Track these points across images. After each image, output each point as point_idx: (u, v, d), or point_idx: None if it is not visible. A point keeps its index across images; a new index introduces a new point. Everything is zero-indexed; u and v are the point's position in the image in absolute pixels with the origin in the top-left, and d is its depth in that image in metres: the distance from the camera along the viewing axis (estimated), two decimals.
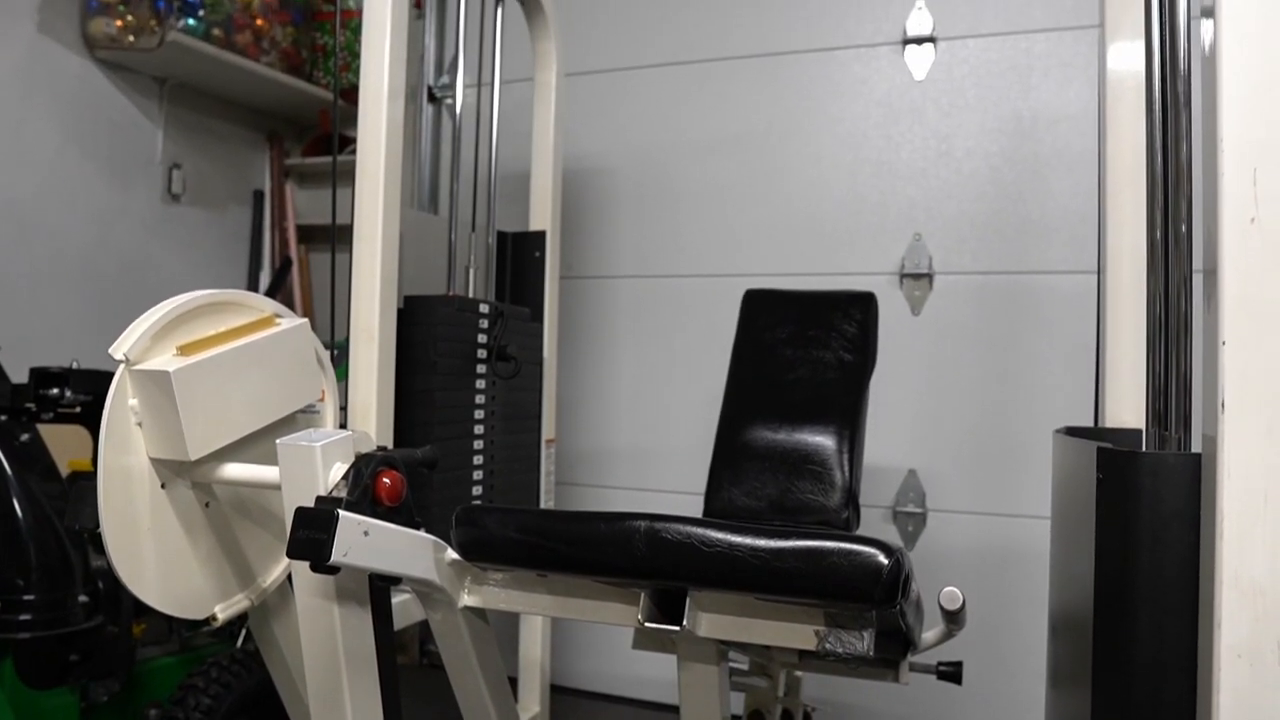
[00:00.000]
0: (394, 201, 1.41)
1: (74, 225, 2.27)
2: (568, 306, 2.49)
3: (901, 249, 2.23)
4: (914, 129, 2.24)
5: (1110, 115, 1.36)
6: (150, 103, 2.47)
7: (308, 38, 2.67)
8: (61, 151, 2.23)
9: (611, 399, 2.49)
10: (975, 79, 2.20)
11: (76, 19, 2.26)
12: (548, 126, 1.94)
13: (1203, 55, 0.81)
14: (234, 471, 1.03)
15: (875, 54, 2.28)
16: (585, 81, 2.52)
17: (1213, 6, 0.78)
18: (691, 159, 2.43)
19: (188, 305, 1.03)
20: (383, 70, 1.40)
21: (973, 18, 2.21)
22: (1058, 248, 2.12)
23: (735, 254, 2.37)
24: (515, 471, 1.74)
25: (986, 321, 2.17)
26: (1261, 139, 0.74)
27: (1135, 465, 0.81)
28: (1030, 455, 2.09)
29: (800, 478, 1.44)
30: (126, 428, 0.99)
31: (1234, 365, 0.73)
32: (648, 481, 2.43)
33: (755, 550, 0.88)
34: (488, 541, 0.99)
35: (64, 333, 2.23)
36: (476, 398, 1.60)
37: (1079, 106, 2.12)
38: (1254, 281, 0.72)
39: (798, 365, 1.51)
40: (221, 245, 2.73)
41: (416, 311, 1.49)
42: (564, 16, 2.06)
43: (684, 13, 2.45)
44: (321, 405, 1.21)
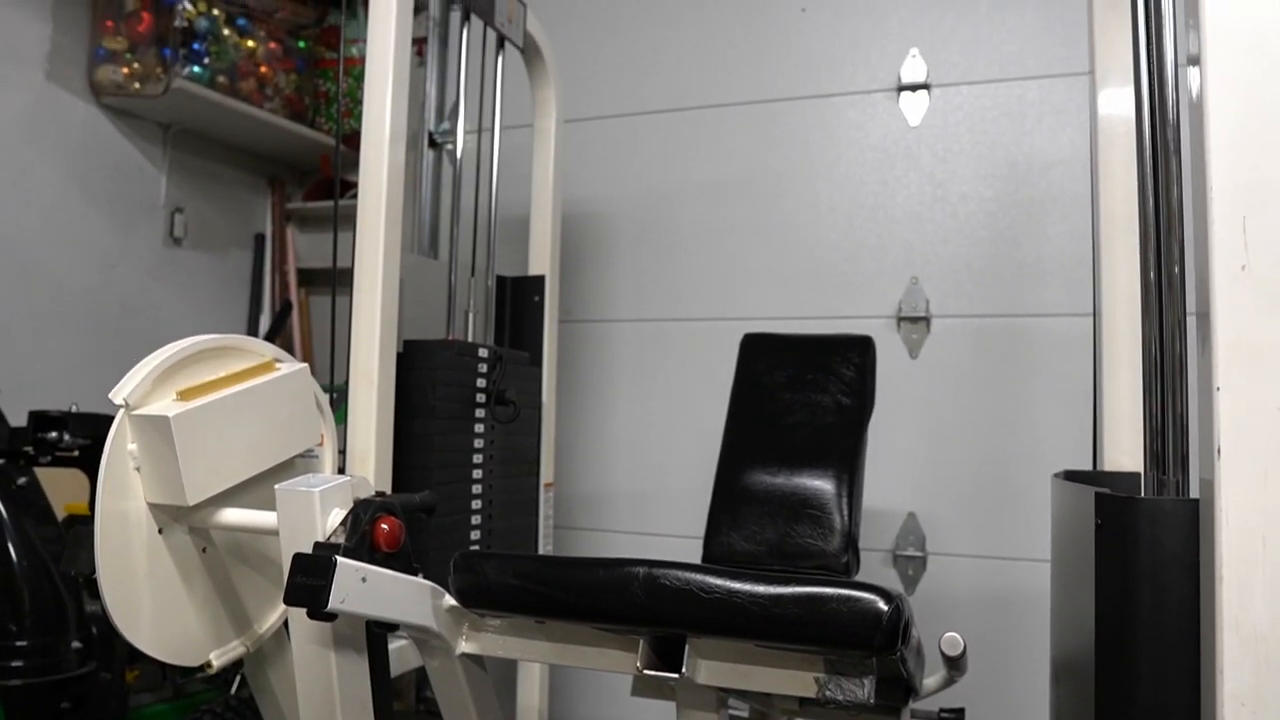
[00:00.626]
0: (394, 246, 1.42)
1: (76, 268, 2.28)
2: (567, 350, 2.50)
3: (899, 292, 2.24)
4: (909, 174, 2.27)
5: (1102, 160, 1.38)
6: (154, 148, 2.50)
7: (310, 84, 2.71)
8: (65, 195, 2.25)
9: (610, 442, 2.48)
10: (969, 125, 2.23)
11: (84, 66, 2.29)
12: (547, 172, 1.97)
13: (1190, 102, 0.83)
14: (232, 517, 1.03)
15: (870, 100, 2.31)
16: (584, 127, 2.55)
17: (1198, 55, 0.80)
18: (690, 203, 2.45)
19: (188, 350, 1.04)
20: (384, 116, 1.42)
21: (966, 65, 2.25)
22: (1054, 291, 2.13)
23: (733, 297, 2.39)
24: (514, 516, 1.74)
25: (984, 364, 2.17)
26: (1250, 187, 0.76)
27: (1133, 511, 0.81)
28: (1030, 498, 2.09)
29: (799, 522, 1.43)
30: (125, 472, 0.99)
31: (1229, 411, 0.73)
32: (647, 525, 2.42)
33: (754, 597, 0.88)
34: (486, 588, 0.99)
35: (64, 375, 2.23)
36: (475, 442, 1.60)
37: (1072, 152, 2.15)
38: (1247, 327, 0.73)
39: (796, 409, 1.51)
40: (222, 288, 2.75)
41: (416, 356, 1.49)
42: (563, 64, 2.10)
43: (682, 60, 2.49)
44: (320, 450, 1.21)
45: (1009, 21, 2.22)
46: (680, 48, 2.50)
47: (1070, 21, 2.17)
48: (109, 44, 2.28)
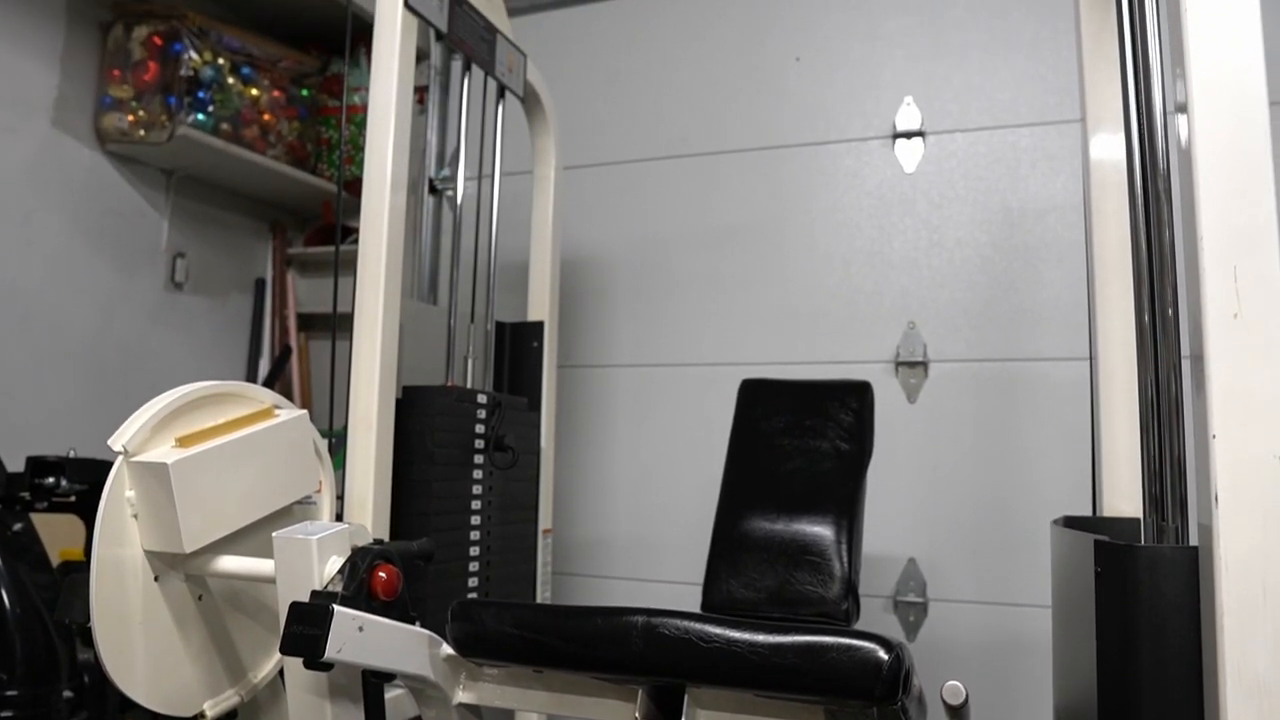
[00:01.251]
0: (394, 292, 1.43)
1: (77, 313, 2.29)
2: (565, 395, 2.50)
3: (896, 337, 2.25)
4: (905, 220, 2.29)
5: (1095, 206, 1.39)
6: (157, 194, 2.52)
7: (313, 131, 2.74)
8: (68, 241, 2.27)
9: (609, 488, 2.48)
10: (964, 171, 2.26)
11: (90, 114, 2.32)
12: (546, 218, 1.98)
13: (1180, 149, 0.84)
14: (229, 564, 1.03)
15: (866, 147, 2.34)
16: (583, 174, 2.58)
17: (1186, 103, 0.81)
18: (688, 249, 2.47)
19: (188, 397, 1.04)
20: (385, 163, 1.44)
21: (959, 113, 2.28)
22: (1051, 335, 2.14)
23: (732, 342, 2.40)
24: (512, 563, 1.73)
25: (983, 408, 2.18)
26: (1240, 235, 0.76)
27: (1132, 559, 0.81)
28: (1031, 542, 2.08)
29: (799, 569, 1.43)
30: (122, 519, 0.99)
31: (1225, 458, 0.73)
32: (646, 572, 2.40)
33: (754, 646, 0.87)
34: (483, 636, 0.98)
35: (63, 419, 2.23)
36: (474, 488, 1.60)
37: (1065, 198, 2.17)
38: (1241, 375, 0.74)
39: (795, 455, 1.51)
40: (222, 332, 2.75)
41: (415, 402, 1.50)
42: (563, 112, 2.13)
43: (680, 108, 2.53)
44: (318, 496, 1.21)
45: (1000, 70, 2.26)
46: (678, 96, 2.54)
47: (1061, 70, 2.21)
48: (115, 92, 2.31)
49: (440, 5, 1.57)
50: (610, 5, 2.66)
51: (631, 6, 2.63)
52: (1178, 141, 0.85)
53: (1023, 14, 2.26)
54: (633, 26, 2.62)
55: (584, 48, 2.66)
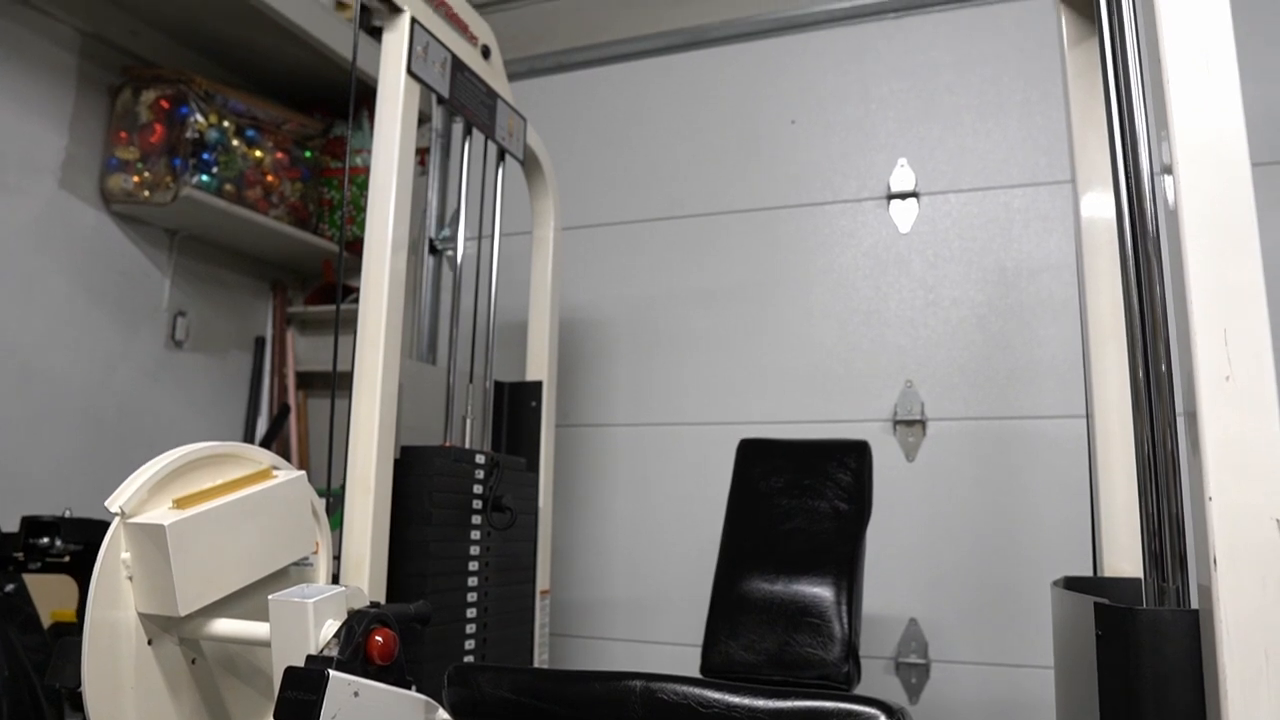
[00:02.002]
0: (394, 351, 1.43)
1: (76, 370, 2.30)
2: (563, 454, 2.50)
3: (894, 395, 2.26)
4: (901, 279, 2.31)
5: (1087, 265, 1.41)
6: (160, 253, 2.54)
7: (315, 192, 2.78)
8: (71, 299, 2.29)
9: (607, 548, 2.46)
10: (958, 231, 2.29)
11: (96, 175, 2.35)
12: (545, 278, 2.00)
13: (1167, 210, 0.85)
14: (224, 628, 1.02)
15: (861, 208, 2.38)
16: (582, 235, 2.61)
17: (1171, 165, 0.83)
18: (686, 309, 2.49)
19: (187, 458, 1.04)
20: (387, 224, 1.46)
21: (953, 174, 2.32)
22: (1047, 393, 2.15)
23: (730, 402, 2.40)
24: (509, 625, 1.71)
25: (981, 466, 2.17)
26: (1228, 296, 0.77)
27: (1133, 622, 0.81)
28: (1033, 602, 2.06)
29: (799, 630, 1.41)
30: (117, 581, 0.98)
31: (1222, 520, 0.73)
32: (644, 633, 2.38)
33: (753, 712, 0.86)
34: (481, 702, 0.97)
35: (59, 477, 2.22)
36: (471, 549, 1.59)
37: (1059, 257, 2.19)
38: (1235, 438, 0.74)
39: (793, 515, 1.51)
40: (221, 390, 2.76)
41: (413, 462, 1.50)
42: (561, 173, 2.16)
43: (677, 169, 2.57)
44: (315, 557, 1.20)
45: (993, 133, 2.30)
46: (676, 157, 2.58)
47: (1051, 133, 2.25)
48: (121, 154, 2.34)
49: (442, 71, 1.61)
50: (609, 69, 2.71)
51: (630, 71, 2.69)
52: (1165, 203, 0.86)
53: (1013, 78, 2.31)
54: (631, 90, 2.68)
55: (583, 111, 2.71)
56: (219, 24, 2.44)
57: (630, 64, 2.69)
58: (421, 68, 1.54)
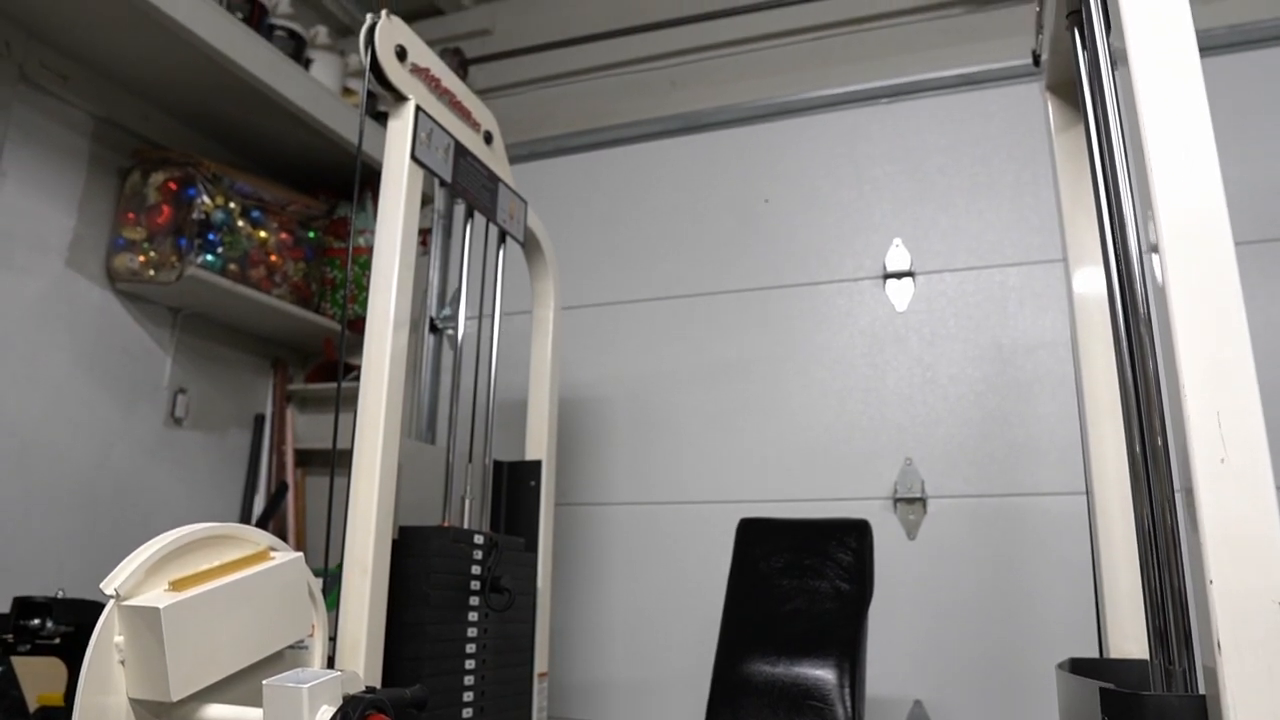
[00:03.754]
0: (394, 431, 1.44)
1: (75, 448, 2.30)
2: (562, 533, 2.48)
3: (894, 473, 2.25)
4: (899, 357, 2.33)
5: (1082, 342, 1.42)
6: (163, 331, 2.57)
7: (318, 272, 2.82)
8: (72, 376, 2.30)
9: (606, 628, 2.42)
10: (954, 309, 2.31)
11: (102, 254, 2.38)
12: (545, 357, 2.02)
13: (1156, 288, 0.86)
14: (216, 713, 1.00)
15: (858, 287, 2.41)
16: (581, 314, 2.64)
17: (1157, 245, 0.84)
18: (685, 387, 2.50)
19: (183, 540, 1.04)
20: (389, 303, 1.47)
21: (947, 254, 2.35)
22: (1047, 469, 2.14)
23: (729, 480, 2.39)
24: (506, 708, 1.68)
25: (983, 544, 2.16)
26: (1220, 378, 0.78)
27: (1139, 708, 0.79)
28: (1038, 683, 2.02)
29: (802, 713, 1.39)
30: (109, 666, 0.97)
31: (1224, 605, 0.73)
32: (644, 715, 2.33)
33: None
34: None
35: (53, 556, 2.20)
36: (469, 630, 1.56)
37: (1054, 334, 2.21)
38: (1233, 520, 0.74)
39: (794, 596, 1.49)
40: (219, 468, 2.75)
41: (412, 542, 1.49)
42: (562, 254, 2.19)
43: (675, 251, 2.61)
44: (311, 640, 1.19)
45: (986, 213, 2.34)
46: (674, 238, 2.62)
47: (1042, 213, 2.29)
48: (128, 234, 2.38)
49: (445, 157, 1.65)
50: (608, 153, 2.78)
51: (628, 154, 2.75)
52: (1154, 281, 0.88)
53: (1003, 160, 2.36)
54: (630, 173, 2.73)
55: (582, 193, 2.77)
56: (228, 108, 2.50)
57: (629, 148, 2.76)
58: (425, 153, 1.57)
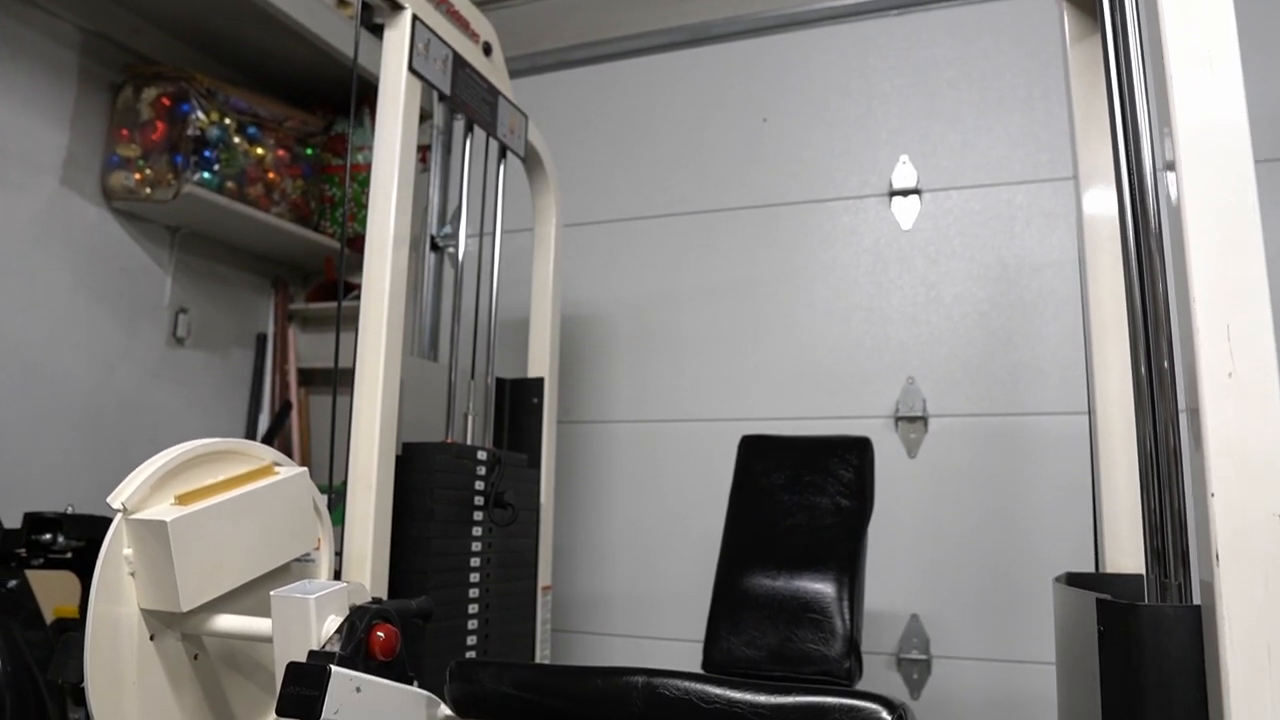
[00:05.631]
0: (395, 348, 1.43)
1: (78, 368, 2.30)
2: (565, 451, 2.50)
3: (895, 392, 2.26)
4: (903, 276, 2.31)
5: (1089, 261, 1.40)
6: (161, 250, 2.54)
7: (316, 189, 2.78)
8: (72, 297, 2.29)
9: (608, 544, 2.46)
10: (960, 228, 2.28)
11: (97, 173, 2.35)
12: (547, 276, 2.00)
13: (1170, 206, 0.85)
14: (226, 623, 1.02)
15: (863, 205, 2.37)
16: (584, 232, 2.61)
17: (1174, 161, 0.82)
18: (688, 306, 2.49)
19: (188, 454, 1.04)
20: (388, 221, 1.46)
21: (954, 171, 2.31)
22: (1050, 389, 2.15)
23: (732, 399, 2.40)
24: (510, 620, 1.71)
25: (983, 463, 2.17)
26: (1232, 292, 0.77)
27: (1135, 618, 0.80)
28: (1035, 598, 2.06)
29: (800, 626, 1.41)
30: (119, 577, 0.98)
31: (1224, 517, 0.73)
32: (646, 629, 2.38)
33: (755, 708, 0.86)
34: (482, 697, 0.97)
35: (61, 475, 2.22)
36: (473, 545, 1.59)
37: (1061, 253, 2.19)
38: (1237, 434, 0.74)
39: (795, 511, 1.51)
40: (222, 388, 2.76)
41: (415, 459, 1.50)
42: (563, 170, 2.16)
43: (679, 167, 2.57)
44: (317, 553, 1.21)
45: (994, 129, 2.30)
46: (678, 155, 2.58)
47: (1053, 129, 2.25)
48: (123, 151, 2.34)
49: (443, 68, 1.61)
50: (611, 66, 2.71)
51: (632, 68, 2.69)
52: (1168, 199, 0.86)
53: (1015, 74, 2.30)
54: (633, 87, 2.67)
55: (585, 108, 2.71)
56: (220, 21, 2.43)
57: (632, 61, 2.69)
58: (423, 65, 1.54)
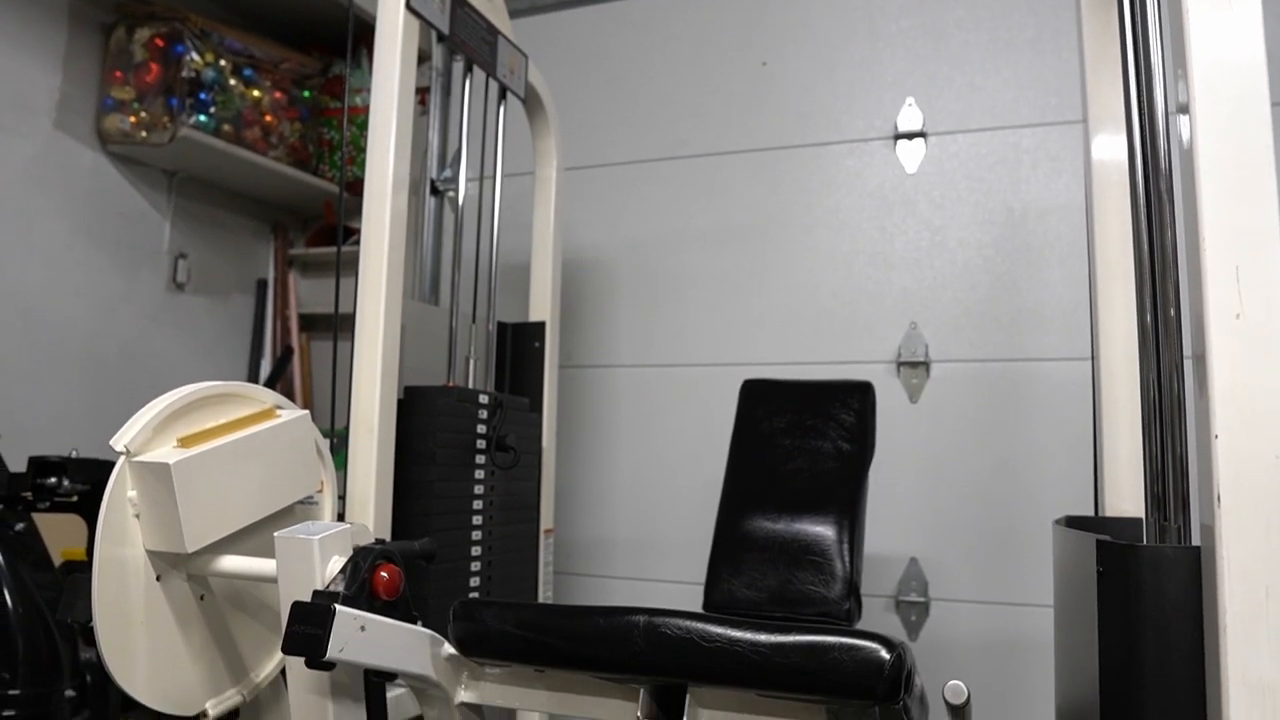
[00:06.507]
0: (396, 292, 1.43)
1: (78, 314, 2.29)
2: (567, 396, 2.50)
3: (898, 337, 2.25)
4: (907, 220, 2.29)
5: (1097, 206, 1.39)
6: (159, 194, 2.52)
7: (314, 133, 2.74)
8: (70, 242, 2.27)
9: (610, 488, 2.48)
10: (965, 172, 2.26)
11: (91, 115, 2.32)
12: (547, 219, 1.98)
13: (1182, 150, 0.84)
14: (231, 564, 1.03)
15: (868, 148, 2.34)
16: (585, 175, 2.58)
17: (1187, 104, 0.81)
18: (690, 249, 2.47)
19: (190, 397, 1.04)
20: (387, 164, 1.44)
21: (961, 114, 2.28)
22: (1053, 335, 2.14)
23: (734, 343, 2.40)
24: (513, 563, 1.73)
25: (985, 408, 2.18)
26: (1242, 235, 0.76)
27: (1135, 559, 0.81)
28: (1033, 542, 2.08)
29: (800, 568, 1.43)
30: (124, 519, 0.99)
31: (1227, 459, 0.73)
32: (647, 572, 2.41)
33: (755, 646, 0.87)
34: (485, 636, 0.98)
35: (64, 420, 2.23)
36: (475, 488, 1.60)
37: (1068, 198, 2.17)
38: (1243, 376, 0.73)
39: (796, 455, 1.51)
40: (224, 333, 2.75)
41: (416, 402, 1.50)
42: (564, 113, 2.13)
43: (682, 109, 2.53)
44: (320, 496, 1.21)
45: (1003, 71, 2.26)
46: (680, 97, 2.54)
47: (1062, 71, 2.21)
48: (117, 94, 2.31)
49: (442, 7, 1.57)
50: (613, 6, 2.66)
51: (634, 9, 2.63)
52: (1179, 142, 0.85)
53: (1024, 14, 2.26)
54: (635, 28, 2.62)
55: (586, 49, 2.66)
56: None
57: (634, 1, 2.64)
58: (421, 3, 1.50)
